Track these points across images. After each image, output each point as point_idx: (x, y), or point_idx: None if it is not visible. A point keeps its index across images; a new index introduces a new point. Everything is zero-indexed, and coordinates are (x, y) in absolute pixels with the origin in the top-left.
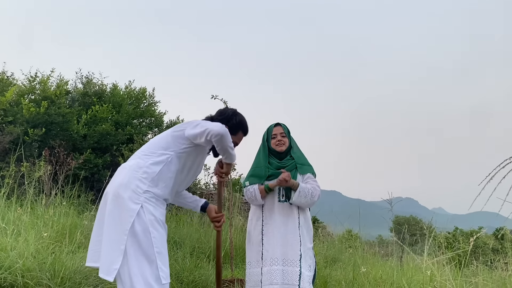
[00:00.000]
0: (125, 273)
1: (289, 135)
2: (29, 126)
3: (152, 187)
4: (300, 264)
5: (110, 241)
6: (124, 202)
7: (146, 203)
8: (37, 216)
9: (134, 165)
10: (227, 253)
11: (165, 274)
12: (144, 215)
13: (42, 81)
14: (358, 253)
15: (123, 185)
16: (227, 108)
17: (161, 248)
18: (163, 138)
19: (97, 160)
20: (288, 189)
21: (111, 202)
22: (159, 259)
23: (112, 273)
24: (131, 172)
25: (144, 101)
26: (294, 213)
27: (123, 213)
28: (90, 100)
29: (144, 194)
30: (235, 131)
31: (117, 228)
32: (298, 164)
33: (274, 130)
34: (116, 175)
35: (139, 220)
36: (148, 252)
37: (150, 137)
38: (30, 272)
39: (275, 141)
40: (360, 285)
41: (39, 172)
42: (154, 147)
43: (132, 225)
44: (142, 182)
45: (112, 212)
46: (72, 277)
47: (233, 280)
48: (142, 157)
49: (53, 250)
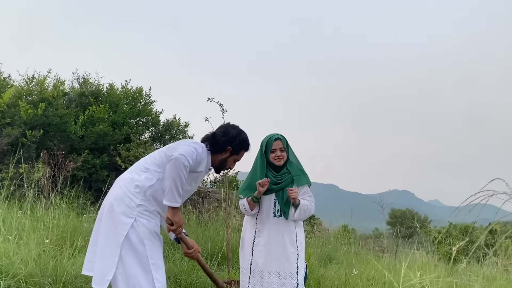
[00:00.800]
0: (122, 285)
1: (288, 146)
2: (27, 128)
3: (144, 201)
4: (297, 277)
5: (104, 253)
6: (118, 216)
7: (139, 217)
8: (37, 219)
9: (128, 179)
10: (224, 254)
11: (161, 284)
12: (138, 228)
13: (39, 82)
14: (352, 251)
15: (118, 199)
16: (230, 127)
17: (156, 260)
18: (158, 154)
19: (95, 161)
20: (284, 204)
21: (106, 215)
22: (154, 270)
23: (105, 283)
24: (125, 187)
25: (141, 100)
26: (291, 228)
27: (117, 226)
28: (87, 100)
29: (137, 208)
30: (238, 151)
31: (111, 241)
32: (294, 176)
33: (274, 144)
34: (113, 188)
35: (133, 233)
36: (143, 264)
37: (147, 136)
38: (33, 278)
39: (274, 155)
40: (353, 285)
41: (38, 174)
42: (148, 163)
43: (127, 238)
44: (135, 196)
45: (107, 225)
46: (73, 282)
47: (230, 282)
48: (137, 172)
49: (54, 255)
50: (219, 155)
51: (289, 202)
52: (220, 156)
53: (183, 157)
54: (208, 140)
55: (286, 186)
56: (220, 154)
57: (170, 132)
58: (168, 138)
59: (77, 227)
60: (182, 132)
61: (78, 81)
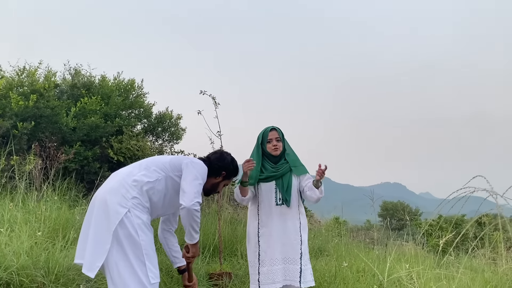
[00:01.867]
0: (116, 274)
1: (283, 138)
2: (18, 120)
3: (140, 195)
4: (301, 262)
5: (96, 239)
6: (112, 205)
7: (133, 208)
8: (28, 211)
9: (127, 173)
10: (216, 246)
11: (154, 274)
12: (132, 218)
13: (30, 73)
14: (343, 243)
15: (114, 189)
16: (224, 153)
17: (149, 250)
18: (161, 159)
19: (87, 153)
20: (285, 192)
21: (99, 204)
22: (147, 260)
23: (94, 269)
24: (123, 179)
25: (133, 92)
26: (293, 215)
27: (110, 214)
28: (79, 92)
29: (132, 200)
30: (230, 176)
31: (103, 228)
32: (292, 167)
33: (270, 134)
34: (108, 180)
35: (126, 223)
36: (137, 254)
37: (139, 128)
38: (25, 270)
39: (271, 145)
40: (343, 277)
41: (30, 166)
42: (150, 163)
43: (121, 227)
44: (132, 188)
45: (100, 213)
46: (66, 274)
47: (221, 274)
48: (136, 167)
49: (46, 247)
50: (213, 178)
51: (290, 189)
52: (214, 180)
53: (193, 204)
54: (212, 164)
55: (284, 174)
56: (213, 178)
57: (162, 124)
58: (160, 130)
59: (69, 219)
60: (175, 124)
61: (70, 73)
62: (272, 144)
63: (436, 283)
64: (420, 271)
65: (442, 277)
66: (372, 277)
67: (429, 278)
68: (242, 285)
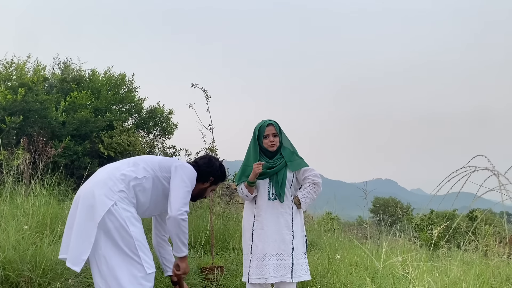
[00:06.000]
0: (105, 267)
1: (280, 132)
2: (6, 114)
3: (127, 189)
4: (292, 257)
5: (80, 232)
6: (99, 197)
7: (119, 201)
8: (16, 206)
9: (115, 167)
10: (208, 240)
11: (149, 264)
12: (120, 211)
13: (18, 67)
14: (335, 237)
15: (101, 182)
16: (213, 158)
17: (141, 241)
18: (151, 158)
19: (76, 147)
20: (279, 187)
21: (85, 196)
22: (141, 251)
23: (80, 263)
24: (111, 172)
25: (124, 86)
26: (286, 210)
27: (96, 206)
28: (69, 86)
29: (119, 193)
30: (218, 182)
31: (88, 221)
32: (288, 162)
33: (267, 130)
34: (95, 174)
35: (115, 215)
36: (128, 246)
37: (130, 123)
38: (11, 264)
39: (267, 141)
40: (335, 270)
41: (18, 161)
42: (139, 161)
43: (108, 219)
44: (119, 182)
45: (85, 205)
46: (54, 268)
47: (213, 268)
48: (125, 163)
49: (34, 241)
50: (200, 184)
51: (284, 185)
52: (201, 185)
53: (180, 214)
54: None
55: (280, 170)
56: (201, 183)
57: (154, 119)
58: (152, 125)
59: (57, 214)
60: (166, 119)
61: (59, 67)
62: (269, 140)
63: (429, 276)
64: (414, 262)
65: (434, 270)
66: (365, 270)
67: (422, 270)
68: (234, 279)
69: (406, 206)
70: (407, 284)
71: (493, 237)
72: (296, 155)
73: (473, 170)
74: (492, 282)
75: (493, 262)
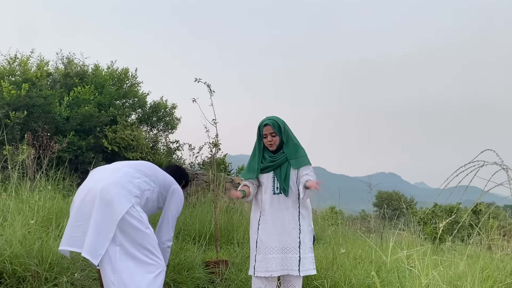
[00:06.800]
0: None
1: (280, 131)
2: (10, 109)
3: (140, 198)
4: (299, 251)
5: (98, 227)
6: (118, 198)
7: (135, 205)
8: (22, 201)
9: (131, 173)
10: (212, 234)
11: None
12: (136, 213)
13: (21, 62)
14: (339, 231)
15: (120, 184)
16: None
17: (153, 243)
18: (158, 172)
19: (80, 142)
20: (283, 181)
21: (103, 194)
22: (154, 250)
23: (97, 257)
24: (128, 176)
25: (127, 81)
26: (293, 204)
27: (115, 205)
28: (72, 81)
29: (135, 198)
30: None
31: (107, 217)
32: (290, 160)
33: (264, 130)
34: (108, 173)
35: (130, 217)
36: (143, 245)
37: (133, 117)
38: (18, 258)
39: (266, 141)
40: (340, 264)
41: (23, 156)
42: (148, 171)
43: (125, 219)
44: (136, 188)
45: (104, 202)
46: (60, 262)
47: (218, 262)
48: (138, 171)
49: (40, 236)
50: None
51: (288, 179)
52: None
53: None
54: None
55: (281, 163)
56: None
57: (157, 113)
58: (155, 120)
59: (63, 209)
60: (170, 114)
61: (62, 62)
62: (268, 140)
63: (434, 269)
64: (420, 255)
65: (439, 263)
66: (369, 264)
67: (426, 264)
68: (239, 272)
69: (409, 200)
70: (412, 278)
71: (497, 231)
72: (301, 151)
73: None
74: (497, 276)
75: (498, 256)
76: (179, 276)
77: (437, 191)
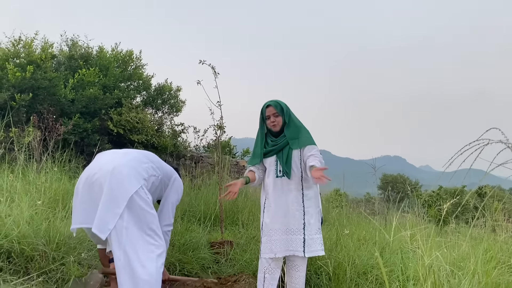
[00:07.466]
0: (125, 238)
1: (282, 111)
2: (16, 91)
3: (147, 181)
4: (304, 232)
5: (108, 203)
6: (129, 177)
7: (143, 187)
8: (28, 182)
9: (139, 158)
10: (217, 215)
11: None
12: (144, 195)
13: (26, 44)
14: (344, 213)
15: (131, 166)
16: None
17: (157, 223)
18: (160, 162)
19: (86, 125)
20: (285, 164)
21: (114, 172)
22: (158, 231)
23: (105, 232)
24: (137, 161)
25: (131, 64)
26: (296, 186)
27: (124, 184)
28: (76, 63)
29: (143, 180)
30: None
31: (117, 194)
32: (290, 141)
33: (267, 111)
34: (121, 156)
35: (138, 197)
36: (148, 225)
37: (138, 100)
38: (26, 238)
39: (269, 122)
40: (344, 245)
41: (29, 138)
42: (154, 158)
43: (134, 198)
44: (145, 171)
45: (114, 180)
46: (67, 242)
47: (223, 242)
48: (145, 156)
49: (47, 216)
50: None
51: (290, 162)
52: None
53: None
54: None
55: (283, 147)
56: None
57: (162, 96)
58: (160, 102)
59: (69, 190)
60: (174, 96)
61: (67, 44)
62: (270, 120)
63: (437, 251)
64: (423, 237)
65: (442, 245)
66: (373, 245)
67: (430, 245)
68: (244, 253)
69: (414, 182)
70: (415, 259)
71: (502, 212)
72: (303, 133)
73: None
74: (500, 257)
75: (502, 238)
76: (185, 256)
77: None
